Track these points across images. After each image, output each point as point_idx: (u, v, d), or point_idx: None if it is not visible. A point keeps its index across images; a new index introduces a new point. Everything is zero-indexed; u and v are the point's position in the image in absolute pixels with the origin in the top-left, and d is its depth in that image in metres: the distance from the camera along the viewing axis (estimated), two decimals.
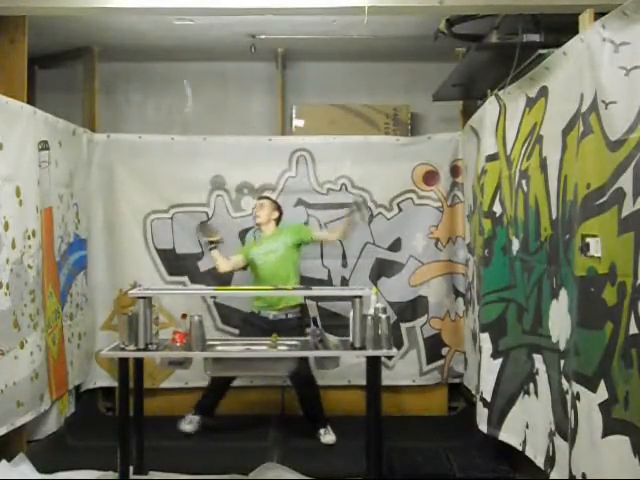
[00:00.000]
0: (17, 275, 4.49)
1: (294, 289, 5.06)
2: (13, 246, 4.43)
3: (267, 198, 5.60)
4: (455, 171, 5.97)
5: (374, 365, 4.22)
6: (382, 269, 5.98)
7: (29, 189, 4.66)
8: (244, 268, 5.59)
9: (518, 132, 4.09)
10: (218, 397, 5.47)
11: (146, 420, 4.64)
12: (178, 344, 4.22)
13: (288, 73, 6.44)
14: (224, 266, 5.49)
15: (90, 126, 5.98)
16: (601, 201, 2.89)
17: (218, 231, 5.58)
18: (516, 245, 4.10)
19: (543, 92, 3.73)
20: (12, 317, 4.43)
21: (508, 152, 4.24)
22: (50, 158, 5.02)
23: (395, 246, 5.97)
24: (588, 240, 2.98)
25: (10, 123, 4.43)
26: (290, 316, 5.34)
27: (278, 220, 5.53)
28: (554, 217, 3.50)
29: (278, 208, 5.56)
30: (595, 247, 2.94)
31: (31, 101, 5.11)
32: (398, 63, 6.34)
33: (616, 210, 2.79)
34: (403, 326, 5.95)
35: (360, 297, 4.25)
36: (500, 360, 4.38)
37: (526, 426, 3.98)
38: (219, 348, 4.48)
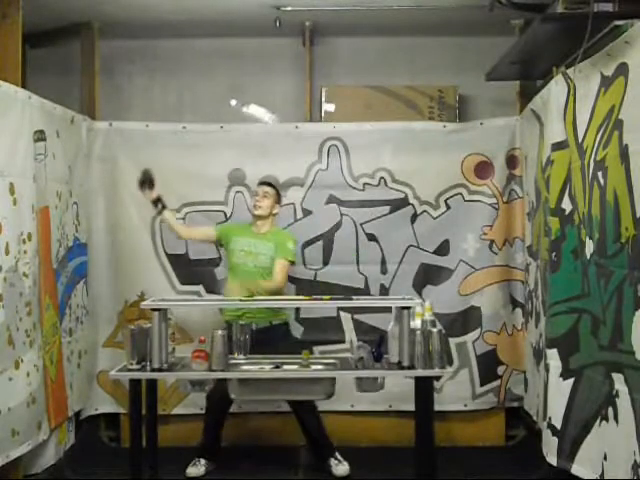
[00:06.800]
0: (11, 285, 4.49)
1: (331, 299, 5.02)
2: (7, 252, 4.43)
3: (273, 186, 5.52)
4: (512, 162, 5.96)
5: (425, 387, 4.23)
6: (427, 276, 5.98)
7: (24, 186, 4.67)
8: (215, 244, 5.67)
9: (591, 116, 4.08)
10: (217, 430, 5.43)
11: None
12: (200, 363, 4.23)
13: (317, 50, 6.45)
14: (184, 232, 5.58)
15: (90, 113, 6.01)
16: None
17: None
18: (590, 247, 4.09)
19: (622, 70, 3.71)
20: (6, 333, 4.42)
21: (580, 139, 4.23)
22: (47, 150, 5.03)
23: (442, 249, 5.97)
24: None
25: (3, 110, 4.44)
26: (275, 323, 5.32)
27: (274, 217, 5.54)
28: (638, 215, 3.49)
29: (279, 202, 5.55)
30: None
31: (22, 85, 5.12)
32: (445, 37, 6.34)
33: None
34: (453, 341, 5.92)
35: (409, 308, 4.26)
36: (571, 380, 4.37)
37: (604, 457, 3.97)
38: (244, 367, 4.48)
